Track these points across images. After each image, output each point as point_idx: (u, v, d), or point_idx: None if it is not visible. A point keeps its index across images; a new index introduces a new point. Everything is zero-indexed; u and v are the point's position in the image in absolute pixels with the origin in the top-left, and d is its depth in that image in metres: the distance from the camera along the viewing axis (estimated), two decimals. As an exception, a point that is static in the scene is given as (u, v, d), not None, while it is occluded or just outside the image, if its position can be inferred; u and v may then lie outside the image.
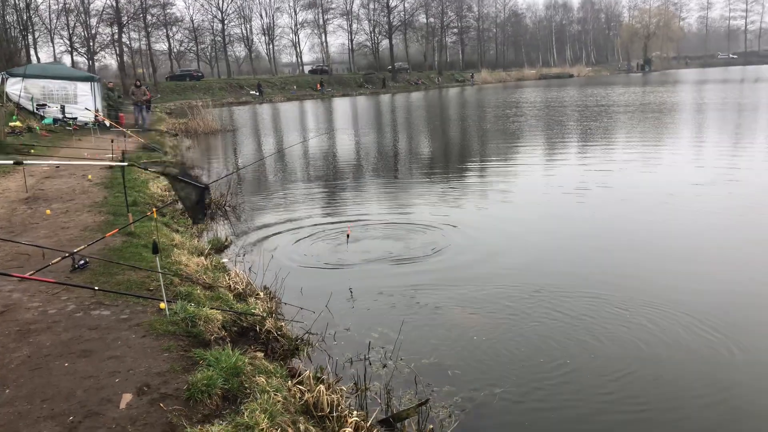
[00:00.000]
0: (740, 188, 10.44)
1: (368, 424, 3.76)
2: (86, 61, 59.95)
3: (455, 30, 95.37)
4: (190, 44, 74.74)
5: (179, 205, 10.34)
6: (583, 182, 11.57)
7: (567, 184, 11.53)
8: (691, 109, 27.36)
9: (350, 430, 3.63)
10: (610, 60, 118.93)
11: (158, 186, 11.54)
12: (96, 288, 4.87)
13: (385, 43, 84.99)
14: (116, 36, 55.60)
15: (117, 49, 56.82)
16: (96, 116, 22.42)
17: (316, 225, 9.39)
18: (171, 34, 69.28)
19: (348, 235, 7.54)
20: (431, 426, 3.83)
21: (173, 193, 11.43)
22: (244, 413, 3.38)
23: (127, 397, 3.43)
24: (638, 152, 15.27)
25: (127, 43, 61.01)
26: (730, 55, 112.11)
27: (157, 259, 4.56)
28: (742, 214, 8.76)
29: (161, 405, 3.36)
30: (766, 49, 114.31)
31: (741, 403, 4.14)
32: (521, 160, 15.23)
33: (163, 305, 4.67)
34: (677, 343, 4.93)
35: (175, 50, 71.73)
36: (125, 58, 58.06)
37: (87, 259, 5.89)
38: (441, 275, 6.76)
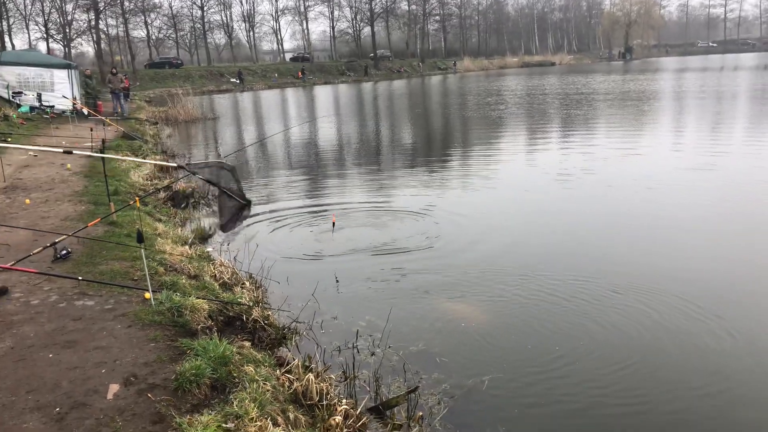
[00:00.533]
0: (721, 173, 10.57)
1: (358, 412, 3.76)
2: (62, 48, 58.85)
3: (437, 17, 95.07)
4: (169, 31, 73.74)
5: (162, 194, 10.25)
6: (565, 169, 11.63)
7: (550, 171, 11.58)
8: (672, 97, 27.60)
9: (340, 418, 3.62)
10: (591, 48, 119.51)
11: (139, 175, 11.40)
12: (80, 278, 4.81)
13: (366, 30, 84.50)
14: (93, 22, 54.52)
15: (94, 35, 55.78)
16: (74, 104, 22.04)
17: (300, 213, 9.34)
18: (149, 21, 68.29)
19: (333, 223, 7.51)
20: (420, 413, 3.84)
21: (155, 182, 11.32)
22: (233, 402, 3.35)
23: (114, 388, 3.39)
24: (619, 139, 15.38)
25: (105, 29, 59.95)
26: (710, 44, 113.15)
27: (142, 248, 4.50)
28: (722, 197, 8.87)
29: (149, 395, 3.33)
30: (745, 38, 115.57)
31: (738, 390, 4.20)
32: (504, 148, 15.27)
33: (148, 295, 4.62)
34: (665, 326, 4.99)
35: (153, 37, 70.79)
36: (103, 45, 57.08)
37: (69, 249, 5.80)
38: (428, 262, 6.77)
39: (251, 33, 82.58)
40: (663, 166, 11.63)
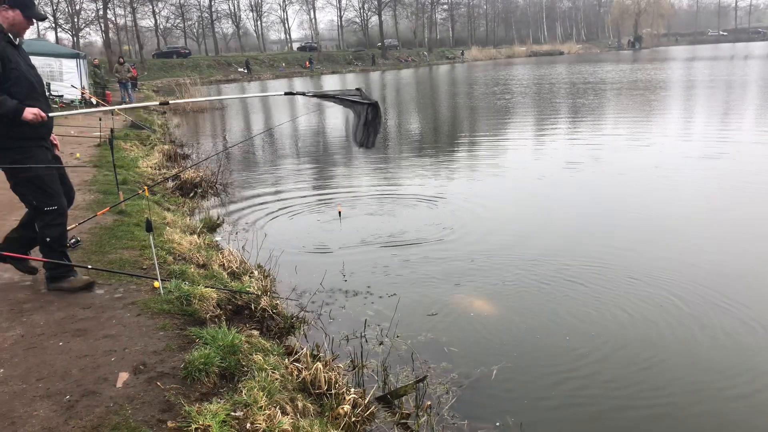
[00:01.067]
0: (731, 162, 10.49)
1: (366, 401, 3.76)
2: (71, 37, 58.99)
3: (445, 6, 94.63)
4: (177, 21, 73.80)
5: (170, 184, 10.27)
6: (574, 158, 11.58)
7: (559, 160, 11.55)
8: (682, 87, 27.38)
9: (348, 407, 3.63)
10: (600, 37, 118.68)
11: (148, 164, 11.43)
12: (89, 266, 4.82)
13: (374, 19, 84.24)
14: (101, 12, 54.61)
15: (102, 25, 55.85)
16: (82, 94, 22.10)
17: (308, 202, 9.34)
18: (157, 10, 68.35)
19: (339, 213, 7.50)
20: (429, 402, 3.84)
21: (163, 171, 11.35)
22: (242, 391, 3.36)
23: (123, 376, 3.40)
24: (628, 128, 15.27)
25: (113, 19, 60.07)
26: (720, 32, 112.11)
27: (151, 237, 4.51)
28: (734, 185, 8.80)
29: (158, 383, 3.34)
30: (756, 27, 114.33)
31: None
32: (512, 137, 15.21)
33: (157, 284, 4.63)
34: (683, 316, 4.95)
35: (161, 27, 70.84)
36: (111, 34, 57.13)
37: (79, 238, 5.82)
38: (436, 250, 6.75)
39: (259, 22, 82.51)
40: (673, 155, 11.56)
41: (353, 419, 3.61)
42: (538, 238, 7.10)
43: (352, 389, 3.85)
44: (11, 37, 4.21)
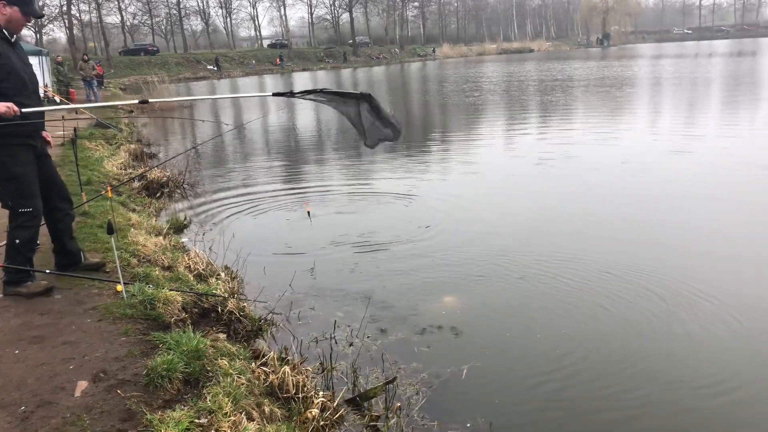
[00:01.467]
0: (697, 156, 10.66)
1: (335, 404, 3.70)
2: (33, 34, 57.61)
3: (416, 3, 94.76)
4: (144, 17, 72.64)
5: (136, 184, 10.06)
6: (544, 154, 11.65)
7: (529, 156, 11.65)
8: (649, 83, 27.81)
9: (316, 410, 3.56)
10: (569, 35, 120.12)
11: (114, 164, 11.18)
12: (47, 271, 4.67)
13: (345, 16, 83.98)
14: (65, 8, 53.41)
15: (66, 21, 54.64)
16: (45, 92, 21.57)
17: (277, 201, 9.23)
18: (123, 6, 67.12)
19: (308, 212, 7.41)
20: (399, 404, 3.79)
21: (129, 171, 11.11)
22: (206, 397, 3.27)
23: (82, 385, 3.28)
24: (597, 124, 15.43)
25: (77, 15, 58.78)
26: (685, 30, 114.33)
27: (113, 239, 4.38)
28: (701, 178, 8.93)
29: (119, 391, 3.23)
30: (719, 25, 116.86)
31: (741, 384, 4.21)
32: (483, 133, 15.26)
33: (120, 287, 4.50)
34: (655, 309, 4.99)
35: (128, 23, 69.59)
36: (75, 31, 55.90)
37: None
38: (406, 249, 6.71)
39: (228, 19, 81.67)
40: (642, 149, 11.70)
41: (322, 423, 3.55)
42: (510, 235, 7.10)
43: (321, 392, 3.79)
44: (6, 33, 4.13)
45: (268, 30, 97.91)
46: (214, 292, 5.07)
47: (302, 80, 47.09)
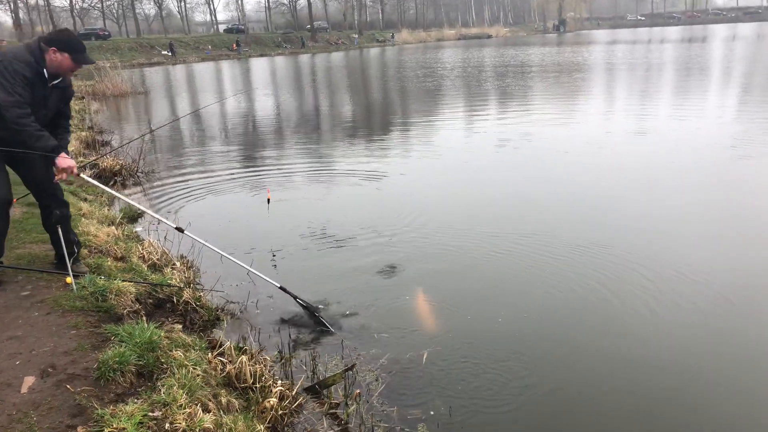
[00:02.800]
0: (653, 138, 10.90)
1: (294, 393, 3.66)
2: (-23, 17, 55.22)
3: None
4: (94, 0, 70.23)
5: (87, 172, 9.74)
6: (503, 137, 11.75)
7: (488, 140, 11.77)
8: (605, 69, 28.28)
9: (275, 399, 3.52)
10: (527, 21, 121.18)
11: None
12: (-9, 263, 4.49)
13: (303, 1, 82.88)
14: (10, -10, 51.36)
15: (11, 4, 52.54)
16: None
17: (236, 189, 9.09)
18: (72, -11, 64.79)
19: (268, 199, 7.31)
20: (358, 390, 3.78)
21: (80, 159, 10.76)
22: (160, 390, 3.20)
23: (29, 381, 3.17)
24: (553, 108, 15.63)
25: (23, -2, 56.56)
26: (638, 17, 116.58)
27: (59, 229, 4.23)
28: (657, 161, 9.14)
29: (68, 386, 3.13)
30: (671, 12, 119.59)
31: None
32: (443, 118, 15.28)
33: (69, 279, 4.36)
34: (617, 287, 5.08)
35: (77, 7, 67.27)
36: (21, 14, 53.81)
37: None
38: (367, 234, 6.68)
39: (182, 3, 79.70)
40: (596, 132, 11.92)
41: (280, 412, 3.52)
42: (473, 219, 7.12)
43: (279, 381, 3.75)
44: (46, 73, 4.15)
45: (224, 14, 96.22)
46: (168, 282, 4.96)
47: (260, 65, 46.39)
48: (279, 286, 4.89)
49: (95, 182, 5.11)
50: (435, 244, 6.36)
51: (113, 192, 5.35)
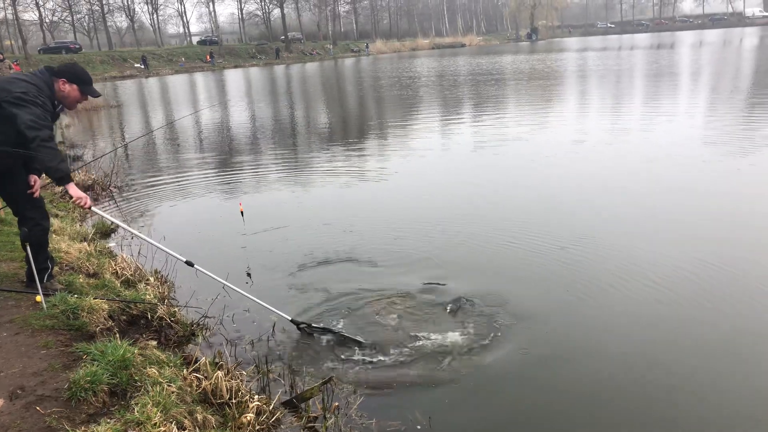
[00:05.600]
0: (629, 143, 11.04)
1: (271, 407, 3.62)
2: (-57, 32, 54.26)
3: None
4: (64, 14, 69.49)
5: (58, 189, 9.59)
6: (480, 144, 11.82)
7: (464, 147, 11.79)
8: (577, 75, 28.65)
9: (252, 415, 3.48)
10: (499, 29, 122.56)
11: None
12: (-44, 284, 4.38)
13: (276, 12, 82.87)
14: (-23, 4, 50.51)
15: (-21, 18, 51.70)
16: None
17: (210, 202, 9.02)
18: (41, 2, 63.99)
19: (242, 212, 7.25)
20: (336, 403, 3.75)
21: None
22: (134, 408, 3.14)
23: (-3, 403, 3.09)
24: (529, 115, 15.78)
25: (-9, 12, 55.68)
26: (608, 24, 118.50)
27: (28, 247, 4.14)
28: (631, 163, 9.26)
29: (38, 408, 3.06)
30: (639, 19, 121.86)
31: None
32: (419, 127, 15.32)
33: (39, 298, 4.26)
34: (600, 285, 5.12)
35: (47, 20, 66.43)
36: (-11, 28, 53.00)
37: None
38: (344, 246, 6.64)
39: (155, 16, 79.14)
40: (570, 137, 12.02)
41: (258, 427, 3.48)
42: (458, 222, 7.15)
43: (256, 396, 3.70)
44: (56, 103, 4.31)
45: (197, 26, 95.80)
46: (142, 298, 4.89)
47: (235, 77, 46.20)
48: (290, 319, 4.81)
49: (111, 218, 5.11)
50: (417, 255, 6.34)
51: (129, 228, 5.22)
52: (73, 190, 4.16)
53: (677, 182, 8.59)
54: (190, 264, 4.62)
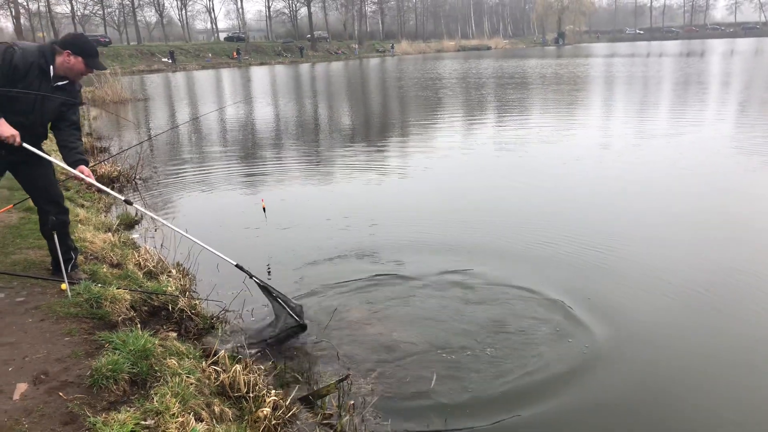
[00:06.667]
0: (650, 152, 10.92)
1: (287, 403, 3.65)
2: (-22, 23, 55.30)
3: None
4: (96, 7, 70.52)
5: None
6: (501, 148, 11.77)
7: (488, 151, 11.74)
8: (604, 82, 28.39)
9: (268, 409, 3.51)
10: (526, 33, 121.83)
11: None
12: (-14, 269, 4.48)
13: (303, 10, 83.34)
14: (11, -4, 51.50)
15: (12, 10, 52.67)
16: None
17: (233, 198, 9.09)
18: (74, -4, 65.01)
19: (264, 208, 7.31)
20: (352, 401, 3.76)
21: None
22: (153, 398, 3.19)
23: (21, 387, 3.16)
24: (551, 120, 15.68)
25: (24, 3, 56.74)
26: (637, 31, 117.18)
27: (55, 236, 4.23)
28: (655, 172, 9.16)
29: (61, 394, 3.12)
30: (669, 26, 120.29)
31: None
32: (441, 131, 15.30)
33: (64, 286, 4.35)
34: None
35: (78, 13, 67.47)
36: (23, 20, 53.97)
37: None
38: (363, 244, 6.66)
39: (183, 11, 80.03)
40: (595, 144, 11.91)
41: (274, 422, 3.50)
42: (468, 232, 7.11)
43: (273, 391, 3.73)
44: (51, 70, 4.16)
45: (224, 23, 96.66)
46: (164, 289, 4.95)
47: (260, 74, 46.53)
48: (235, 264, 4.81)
49: (150, 213, 5.14)
50: (437, 254, 6.33)
51: (165, 222, 5.31)
52: (3, 127, 4.01)
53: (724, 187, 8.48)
54: (128, 201, 4.75)
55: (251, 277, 4.81)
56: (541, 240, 6.69)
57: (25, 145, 4.20)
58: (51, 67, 4.18)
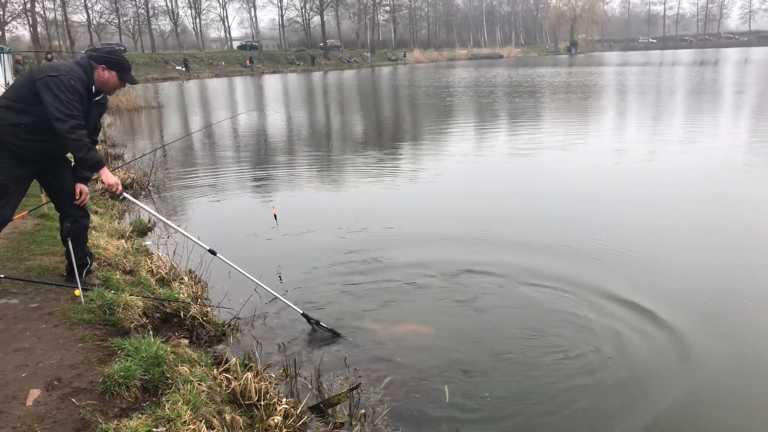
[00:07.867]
0: (661, 164, 10.85)
1: (298, 411, 3.64)
2: (-5, 31, 56.04)
3: (387, 8, 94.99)
4: (111, 16, 71.33)
5: (99, 185, 9.83)
6: (512, 156, 11.73)
7: (498, 160, 11.70)
8: (617, 90, 28.29)
9: (279, 418, 3.50)
10: (538, 41, 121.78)
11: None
12: (2, 276, 4.52)
13: (316, 19, 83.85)
14: (28, 5, 52.17)
15: (30, 19, 53.39)
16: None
17: (244, 205, 9.13)
18: (90, 5, 65.82)
19: (275, 215, 7.32)
20: (363, 411, 3.75)
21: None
22: (165, 405, 3.19)
23: (34, 393, 3.17)
24: (562, 130, 15.62)
25: (41, 12, 57.51)
26: (650, 40, 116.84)
27: (69, 242, 4.26)
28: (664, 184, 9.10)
29: (73, 400, 3.13)
30: (682, 35, 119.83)
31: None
32: (453, 140, 15.29)
33: (78, 292, 4.38)
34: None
35: (94, 22, 68.27)
36: (39, 29, 54.69)
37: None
38: (375, 253, 6.65)
39: (197, 20, 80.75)
40: (609, 152, 11.86)
41: (285, 430, 3.49)
42: (482, 236, 7.08)
43: (284, 399, 3.72)
44: (93, 90, 4.29)
45: (238, 31, 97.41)
46: (176, 296, 4.97)
47: (273, 82, 46.81)
48: (301, 312, 4.91)
49: (142, 204, 5.18)
50: (448, 266, 6.29)
51: (161, 217, 5.36)
52: (105, 175, 4.22)
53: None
54: (212, 252, 4.79)
55: (318, 324, 4.86)
56: (564, 246, 6.64)
57: (125, 194, 4.57)
58: (93, 86, 4.29)
